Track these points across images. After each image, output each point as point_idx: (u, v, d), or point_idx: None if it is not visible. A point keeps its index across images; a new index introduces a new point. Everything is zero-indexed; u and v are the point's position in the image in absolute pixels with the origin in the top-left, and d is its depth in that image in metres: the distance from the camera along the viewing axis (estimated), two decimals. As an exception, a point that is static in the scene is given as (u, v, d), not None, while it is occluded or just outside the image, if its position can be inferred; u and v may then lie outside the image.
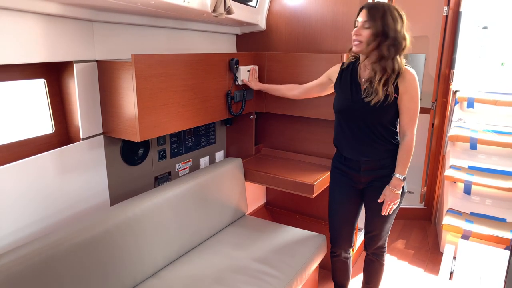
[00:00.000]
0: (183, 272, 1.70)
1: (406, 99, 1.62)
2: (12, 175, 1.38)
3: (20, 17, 1.34)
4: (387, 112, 1.65)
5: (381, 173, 1.73)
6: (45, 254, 1.28)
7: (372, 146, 1.70)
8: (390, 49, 1.57)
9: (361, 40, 1.59)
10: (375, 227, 1.86)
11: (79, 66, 1.58)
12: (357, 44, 1.61)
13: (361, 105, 1.66)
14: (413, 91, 1.62)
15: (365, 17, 1.57)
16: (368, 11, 1.57)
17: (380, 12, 1.55)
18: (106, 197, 1.77)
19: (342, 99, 1.76)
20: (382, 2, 1.60)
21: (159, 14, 1.79)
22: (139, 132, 1.59)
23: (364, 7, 1.60)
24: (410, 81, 1.61)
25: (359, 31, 1.59)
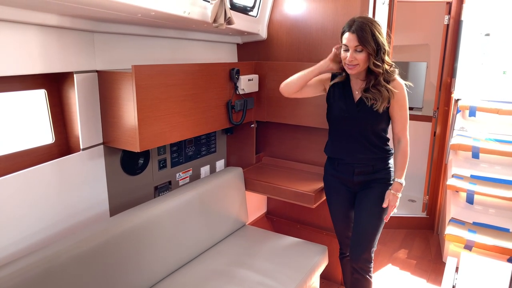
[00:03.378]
0: (183, 284, 1.69)
1: (397, 108, 1.71)
2: (12, 185, 1.38)
3: (21, 29, 1.35)
4: (380, 121, 1.72)
5: (373, 176, 1.79)
6: (42, 267, 1.26)
7: (365, 153, 1.76)
8: (382, 58, 1.63)
9: (358, 63, 1.62)
10: (363, 229, 1.83)
11: (80, 76, 1.58)
12: (352, 67, 1.64)
13: (356, 116, 1.73)
14: (403, 100, 1.71)
15: (355, 42, 1.58)
16: (358, 36, 1.57)
17: (368, 32, 1.57)
18: (106, 207, 1.77)
19: (337, 110, 1.79)
20: (364, 20, 1.61)
21: (160, 25, 1.79)
22: (139, 142, 1.59)
23: (351, 31, 1.60)
24: (401, 93, 1.69)
25: (353, 56, 1.61)
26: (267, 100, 2.34)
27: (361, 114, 1.72)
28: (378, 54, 1.60)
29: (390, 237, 3.18)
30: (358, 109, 1.73)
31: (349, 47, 1.61)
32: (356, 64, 1.62)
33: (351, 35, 1.59)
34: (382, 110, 1.67)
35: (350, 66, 1.64)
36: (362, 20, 1.61)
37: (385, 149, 1.79)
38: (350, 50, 1.61)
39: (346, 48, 1.63)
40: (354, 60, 1.61)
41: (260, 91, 2.33)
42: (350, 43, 1.60)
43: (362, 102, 1.71)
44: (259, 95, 2.34)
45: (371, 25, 1.59)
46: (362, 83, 1.73)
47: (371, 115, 1.70)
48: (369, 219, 1.81)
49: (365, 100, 1.70)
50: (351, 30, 1.59)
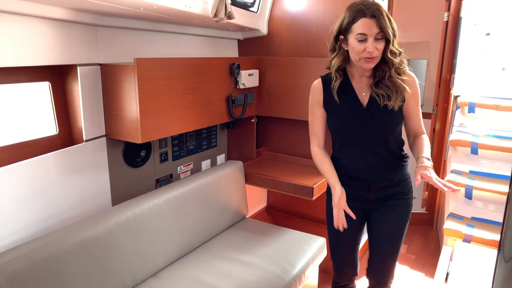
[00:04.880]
0: (183, 273, 1.72)
1: (413, 103, 1.47)
2: (16, 174, 1.42)
3: (27, 21, 1.38)
4: (397, 123, 1.48)
5: (392, 191, 1.52)
6: (46, 252, 1.30)
7: (384, 166, 1.51)
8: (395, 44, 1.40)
9: (378, 54, 1.35)
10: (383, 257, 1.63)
11: (83, 69, 1.61)
12: (371, 60, 1.36)
13: (369, 124, 1.45)
14: (417, 94, 1.49)
15: (376, 28, 1.31)
16: (378, 20, 1.31)
17: (386, 16, 1.33)
18: (108, 198, 1.80)
19: (342, 122, 1.51)
20: (374, 3, 1.36)
21: (162, 19, 1.82)
22: (140, 134, 1.62)
23: (368, 15, 1.31)
24: (415, 86, 1.46)
25: (375, 46, 1.33)
26: (267, 95, 2.37)
27: (375, 120, 1.44)
28: (393, 41, 1.36)
29: (389, 233, 3.20)
30: (369, 114, 1.44)
31: (368, 36, 1.32)
32: (377, 55, 1.35)
33: (369, 20, 1.31)
34: (397, 108, 1.41)
35: (368, 59, 1.35)
36: (373, 3, 1.35)
37: (403, 155, 1.54)
38: (369, 39, 1.32)
39: (362, 38, 1.32)
40: (375, 50, 1.33)
41: (261, 86, 2.36)
42: (370, 30, 1.31)
43: (373, 105, 1.43)
44: (259, 90, 2.37)
45: (382, 8, 1.35)
46: (368, 80, 1.46)
47: (387, 118, 1.44)
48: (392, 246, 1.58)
49: (377, 99, 1.42)
50: (368, 15, 1.31)
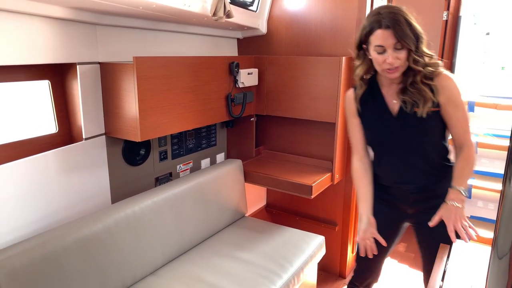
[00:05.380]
0: (183, 271, 1.73)
1: (451, 108, 1.34)
2: (16, 172, 1.42)
3: (27, 20, 1.39)
4: (434, 130, 1.39)
5: (435, 202, 1.38)
6: (46, 249, 1.31)
7: (424, 177, 1.44)
8: (421, 50, 1.32)
9: (400, 64, 1.30)
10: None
11: (82, 68, 1.62)
12: (394, 70, 1.31)
13: (400, 133, 1.41)
14: (457, 98, 1.34)
15: (393, 39, 1.26)
16: (394, 31, 1.25)
17: (404, 23, 1.26)
18: (107, 196, 1.81)
19: (373, 132, 1.50)
20: (392, 9, 1.29)
21: (161, 18, 1.83)
22: (140, 132, 1.63)
23: (383, 26, 1.26)
24: (451, 89, 1.34)
25: (395, 56, 1.28)
26: (267, 94, 2.37)
27: (406, 129, 1.38)
28: (418, 47, 1.29)
29: (389, 231, 3.21)
30: (400, 122, 1.39)
31: (386, 47, 1.27)
32: (398, 65, 1.30)
33: (385, 32, 1.26)
34: (426, 114, 1.33)
35: (390, 70, 1.31)
36: (390, 10, 1.28)
37: (448, 164, 1.44)
38: (388, 50, 1.27)
39: (381, 50, 1.29)
40: (397, 60, 1.28)
41: (260, 85, 2.37)
42: (387, 41, 1.26)
43: (404, 113, 1.37)
44: (258, 89, 2.38)
45: (403, 13, 1.28)
46: (397, 87, 1.39)
47: (420, 127, 1.36)
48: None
49: (404, 107, 1.37)
50: (383, 26, 1.26)
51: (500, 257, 0.48)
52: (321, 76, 2.17)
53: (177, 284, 1.63)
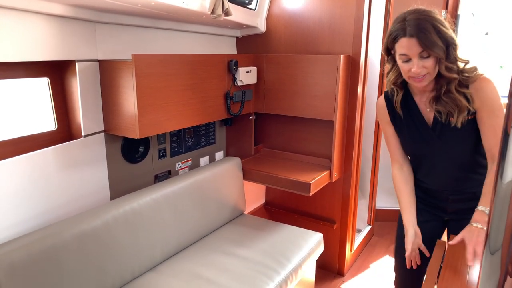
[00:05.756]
0: (181, 267, 1.74)
1: (486, 115, 1.26)
2: (16, 168, 1.43)
3: (26, 17, 1.40)
4: (474, 139, 1.32)
5: (475, 204, 1.30)
6: (45, 244, 1.32)
7: (463, 183, 1.40)
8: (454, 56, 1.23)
9: (427, 72, 1.23)
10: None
11: (82, 65, 1.63)
12: (421, 79, 1.24)
13: (438, 142, 1.36)
14: (493, 103, 1.25)
15: (418, 48, 1.19)
16: (419, 39, 1.17)
17: (431, 31, 1.17)
18: (106, 193, 1.81)
19: (413, 142, 1.45)
20: (418, 15, 1.21)
21: (160, 16, 1.84)
22: (138, 129, 1.64)
23: (408, 35, 1.19)
24: (486, 92, 1.25)
25: (420, 65, 1.21)
26: (265, 92, 2.38)
27: (443, 139, 1.33)
28: (449, 54, 1.20)
29: (387, 230, 3.22)
30: (436, 133, 1.33)
31: (411, 56, 1.21)
32: (426, 73, 1.23)
33: (410, 40, 1.19)
34: (461, 124, 1.27)
35: (417, 79, 1.24)
36: (417, 16, 1.20)
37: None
38: (413, 59, 1.21)
39: (406, 58, 1.23)
40: (423, 69, 1.21)
41: (259, 83, 2.38)
42: (411, 50, 1.20)
43: (439, 122, 1.32)
44: (257, 87, 2.39)
45: (431, 18, 1.19)
46: (430, 95, 1.33)
47: (458, 137, 1.31)
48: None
49: (439, 117, 1.31)
50: (407, 34, 1.19)
51: (492, 252, 0.49)
52: (319, 74, 2.18)
53: (175, 280, 1.64)
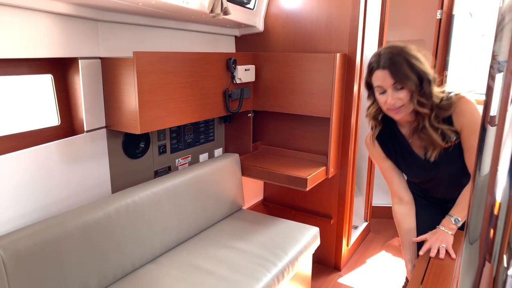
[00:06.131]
0: (180, 259, 1.78)
1: (467, 136, 1.31)
2: (20, 161, 1.48)
3: (31, 15, 1.45)
4: (461, 156, 1.36)
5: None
6: (49, 234, 1.37)
7: (459, 190, 1.42)
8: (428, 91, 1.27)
9: (403, 104, 1.28)
10: None
11: (84, 62, 1.68)
12: (398, 110, 1.29)
13: (433, 167, 1.40)
14: (473, 125, 1.29)
15: (390, 79, 1.25)
16: (391, 71, 1.25)
17: (403, 63, 1.24)
18: (108, 188, 1.86)
19: (409, 170, 1.51)
20: (392, 50, 1.29)
21: (160, 15, 1.89)
22: (139, 125, 1.68)
23: (380, 67, 1.27)
24: (466, 115, 1.29)
25: (395, 97, 1.26)
26: (264, 90, 2.43)
27: (439, 164, 1.37)
28: (422, 88, 1.25)
29: (384, 226, 3.26)
30: (430, 162, 1.37)
31: (385, 87, 1.28)
32: (401, 105, 1.28)
33: (382, 72, 1.26)
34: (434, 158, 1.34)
35: (394, 111, 1.29)
36: (389, 50, 1.29)
37: None
38: (388, 90, 1.27)
39: (381, 90, 1.30)
40: (397, 100, 1.27)
41: (257, 81, 2.42)
42: (385, 82, 1.27)
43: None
44: (255, 85, 2.44)
45: (404, 53, 1.26)
46: (411, 126, 1.39)
47: (454, 158, 1.35)
48: None
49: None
50: (380, 66, 1.27)
51: (471, 242, 0.51)
52: (316, 72, 2.23)
53: (175, 271, 1.68)
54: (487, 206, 0.47)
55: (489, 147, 0.47)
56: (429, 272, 1.24)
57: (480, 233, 0.48)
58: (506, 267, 0.48)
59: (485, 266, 0.49)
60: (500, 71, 0.44)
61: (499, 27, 0.44)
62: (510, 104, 0.43)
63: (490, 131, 0.46)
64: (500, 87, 0.44)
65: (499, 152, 0.45)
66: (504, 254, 0.47)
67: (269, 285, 1.68)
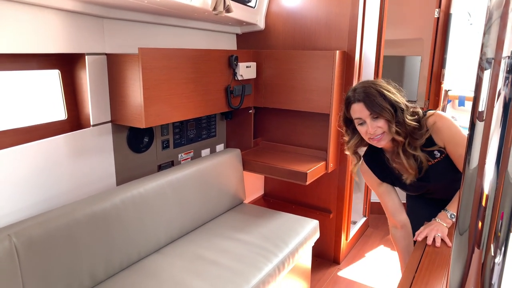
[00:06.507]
0: (185, 249, 1.84)
1: (452, 148, 1.39)
2: (29, 154, 1.52)
3: (40, 11, 1.49)
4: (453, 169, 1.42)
5: None
6: (60, 222, 1.42)
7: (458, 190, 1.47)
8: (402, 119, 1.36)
9: (383, 131, 1.37)
10: None
11: (91, 58, 1.72)
12: (379, 138, 1.38)
13: (424, 185, 1.49)
14: (454, 136, 1.38)
15: (366, 110, 1.35)
16: (365, 103, 1.35)
17: (376, 95, 1.35)
18: (113, 180, 1.91)
19: (404, 189, 1.57)
20: (364, 84, 1.41)
21: (164, 12, 1.93)
22: (144, 119, 1.73)
23: (355, 100, 1.37)
24: (443, 131, 1.39)
25: (373, 125, 1.35)
26: (264, 87, 2.48)
27: (432, 179, 1.45)
28: (396, 116, 1.35)
29: (382, 221, 3.31)
30: (423, 179, 1.45)
31: (363, 118, 1.37)
32: (382, 132, 1.37)
33: (358, 105, 1.37)
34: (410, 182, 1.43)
35: (376, 139, 1.38)
36: (363, 84, 1.40)
37: None
38: (366, 121, 1.37)
39: (360, 121, 1.39)
40: (377, 128, 1.36)
41: (258, 78, 2.47)
42: (362, 113, 1.36)
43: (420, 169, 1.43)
44: (256, 81, 2.48)
45: (376, 86, 1.37)
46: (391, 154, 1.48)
47: (445, 169, 1.42)
48: None
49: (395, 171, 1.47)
50: (356, 100, 1.37)
51: (461, 233, 0.53)
52: (316, 69, 2.28)
53: (180, 260, 1.73)
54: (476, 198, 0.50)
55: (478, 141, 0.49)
56: (424, 259, 1.29)
57: (469, 224, 0.52)
58: (493, 256, 0.51)
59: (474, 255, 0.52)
60: (488, 68, 0.47)
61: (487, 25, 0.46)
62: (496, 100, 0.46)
63: (478, 125, 0.49)
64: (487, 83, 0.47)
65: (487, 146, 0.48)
66: (492, 244, 0.51)
67: (270, 274, 1.73)
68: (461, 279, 0.55)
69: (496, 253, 0.51)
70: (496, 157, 0.48)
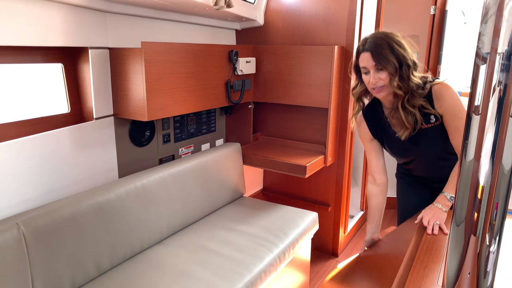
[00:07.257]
0: (187, 240, 1.87)
1: (449, 118, 1.40)
2: (33, 146, 1.54)
3: (45, 4, 1.51)
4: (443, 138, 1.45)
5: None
6: (65, 212, 1.45)
7: (445, 169, 1.50)
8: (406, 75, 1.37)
9: (384, 84, 1.39)
10: None
11: (94, 52, 1.74)
12: (380, 89, 1.41)
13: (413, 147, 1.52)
14: (454, 107, 1.39)
15: (372, 60, 1.38)
16: (372, 54, 1.37)
17: (385, 47, 1.36)
18: (115, 173, 1.93)
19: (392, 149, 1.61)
20: (377, 35, 1.42)
21: (166, 7, 1.96)
22: (147, 112, 1.76)
23: (364, 50, 1.41)
24: (446, 98, 1.40)
25: (376, 77, 1.38)
26: (264, 82, 2.51)
27: (420, 145, 1.49)
28: (401, 71, 1.36)
29: (379, 216, 3.36)
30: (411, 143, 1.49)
31: (368, 68, 1.40)
32: (383, 85, 1.39)
33: (366, 54, 1.39)
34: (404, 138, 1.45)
35: (376, 90, 1.42)
36: (375, 35, 1.42)
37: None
38: (370, 71, 1.40)
39: (365, 70, 1.43)
40: (379, 80, 1.39)
41: (257, 73, 2.50)
42: (368, 63, 1.39)
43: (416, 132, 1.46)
44: (256, 77, 2.51)
45: (387, 38, 1.38)
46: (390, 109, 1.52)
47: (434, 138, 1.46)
48: None
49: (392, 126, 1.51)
50: (364, 49, 1.40)
51: (458, 224, 0.55)
52: (315, 64, 2.31)
53: (182, 251, 1.76)
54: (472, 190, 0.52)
55: (474, 134, 0.51)
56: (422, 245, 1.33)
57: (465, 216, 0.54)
58: (488, 245, 0.54)
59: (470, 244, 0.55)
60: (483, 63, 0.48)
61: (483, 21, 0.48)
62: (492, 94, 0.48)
63: (475, 119, 0.51)
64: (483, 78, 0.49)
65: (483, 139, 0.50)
66: (487, 233, 0.54)
67: (271, 264, 1.76)
68: (458, 267, 0.58)
69: (491, 242, 0.54)
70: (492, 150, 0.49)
